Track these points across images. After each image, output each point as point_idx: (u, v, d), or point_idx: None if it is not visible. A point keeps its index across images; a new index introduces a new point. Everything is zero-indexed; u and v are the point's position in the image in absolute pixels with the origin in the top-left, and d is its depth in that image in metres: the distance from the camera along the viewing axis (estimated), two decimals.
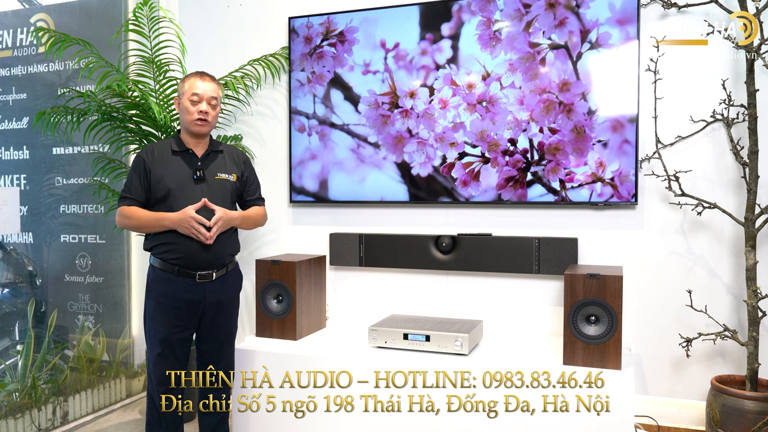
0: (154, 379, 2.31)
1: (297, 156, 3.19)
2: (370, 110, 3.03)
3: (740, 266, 2.56)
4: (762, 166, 2.46)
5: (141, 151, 2.31)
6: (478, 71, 2.84)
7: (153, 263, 2.30)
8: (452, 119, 2.89)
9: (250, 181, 2.46)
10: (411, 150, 2.97)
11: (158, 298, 2.26)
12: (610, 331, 2.25)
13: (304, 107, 3.16)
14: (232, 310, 2.43)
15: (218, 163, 2.35)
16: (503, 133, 2.82)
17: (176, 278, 2.25)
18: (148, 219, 2.23)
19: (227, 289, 2.37)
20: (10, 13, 3.67)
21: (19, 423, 2.71)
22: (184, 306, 2.26)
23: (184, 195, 2.24)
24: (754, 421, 2.28)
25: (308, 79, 3.14)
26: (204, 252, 2.25)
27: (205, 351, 2.40)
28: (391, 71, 2.99)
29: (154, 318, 2.28)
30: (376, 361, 2.43)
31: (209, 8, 3.42)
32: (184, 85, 2.29)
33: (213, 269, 2.29)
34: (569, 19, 2.69)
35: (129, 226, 2.29)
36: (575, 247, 2.70)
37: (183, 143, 2.31)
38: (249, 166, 2.47)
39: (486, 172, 2.86)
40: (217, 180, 2.32)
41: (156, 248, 2.27)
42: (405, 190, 3.00)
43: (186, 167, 2.28)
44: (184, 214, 2.18)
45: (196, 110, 2.26)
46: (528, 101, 2.77)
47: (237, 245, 2.43)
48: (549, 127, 2.75)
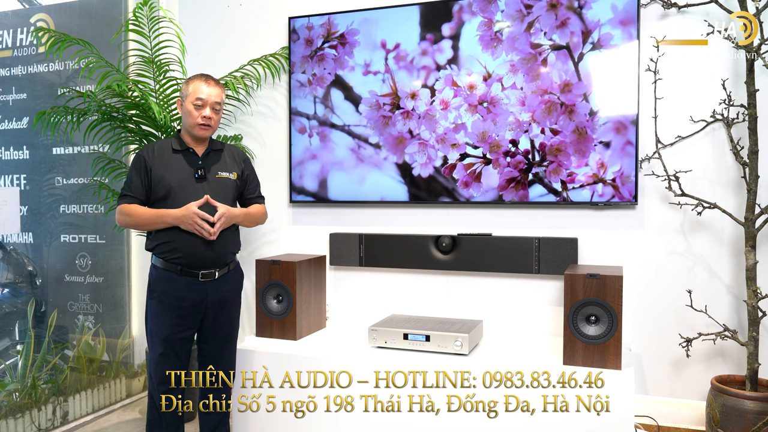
0: (155, 379, 2.30)
1: (297, 156, 3.19)
2: (372, 111, 3.03)
3: (740, 266, 2.56)
4: (762, 166, 2.47)
5: (141, 150, 2.31)
6: (479, 72, 2.85)
7: (155, 263, 2.30)
8: (453, 120, 2.89)
9: (251, 180, 2.46)
10: (412, 151, 2.97)
11: (161, 298, 2.26)
12: (610, 331, 2.25)
13: (304, 108, 3.16)
14: (234, 309, 2.43)
15: (219, 161, 2.35)
16: (505, 134, 2.82)
17: (179, 278, 2.25)
18: (150, 216, 2.22)
19: (229, 287, 2.37)
20: (10, 13, 3.66)
21: (19, 423, 2.71)
22: (187, 305, 2.26)
23: (186, 193, 2.23)
24: (754, 421, 2.28)
25: (309, 81, 3.14)
26: (206, 251, 2.24)
27: (206, 350, 2.40)
28: (392, 72, 2.99)
29: (157, 318, 2.28)
30: (376, 361, 2.43)
31: (209, 8, 3.42)
32: (188, 88, 2.27)
33: (215, 268, 2.29)
34: (571, 19, 2.70)
35: (129, 224, 2.28)
36: (575, 247, 2.70)
37: (184, 142, 2.31)
38: (249, 164, 2.47)
39: (487, 173, 2.86)
40: (218, 179, 2.32)
41: (158, 248, 2.26)
42: (405, 191, 3.00)
43: (187, 166, 2.28)
44: (187, 210, 2.18)
45: (200, 115, 2.25)
46: (529, 102, 2.77)
47: (238, 244, 2.43)
48: (550, 128, 2.75)
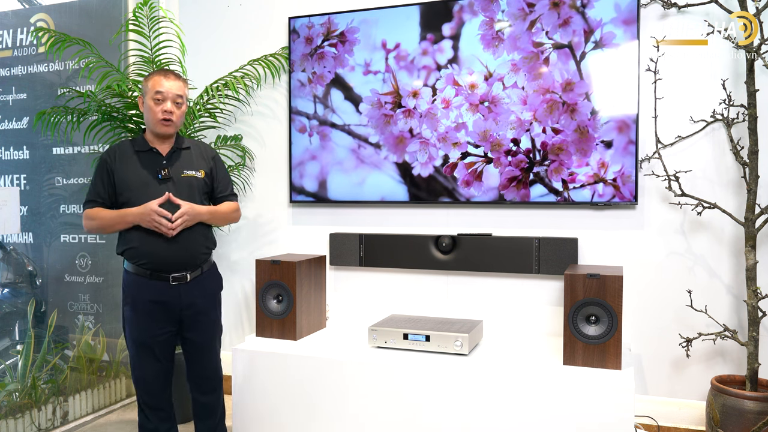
0: (136, 383, 2.28)
1: (297, 156, 3.19)
2: (373, 110, 3.03)
3: (740, 266, 2.56)
4: (762, 166, 2.47)
5: (103, 153, 2.25)
6: (480, 71, 2.84)
7: (126, 267, 2.25)
8: (455, 119, 2.89)
9: (220, 177, 2.37)
10: (413, 150, 2.97)
11: (133, 303, 2.21)
12: (610, 331, 2.25)
13: (304, 107, 3.16)
14: (213, 314, 2.35)
15: (184, 160, 2.28)
16: (506, 133, 2.82)
17: (150, 282, 2.19)
18: (111, 217, 2.17)
19: (203, 291, 2.29)
20: (10, 13, 3.66)
21: (19, 423, 2.71)
22: (159, 309, 2.21)
23: (149, 195, 2.17)
24: (754, 421, 2.28)
25: (309, 79, 3.14)
26: (172, 252, 2.18)
27: (190, 357, 2.34)
28: (393, 71, 2.99)
29: (131, 323, 2.23)
30: (376, 361, 2.43)
31: (209, 8, 3.42)
32: (147, 84, 2.22)
33: (186, 271, 2.23)
34: (573, 18, 2.69)
35: (94, 228, 2.22)
36: (575, 247, 2.70)
37: (147, 142, 2.25)
38: (219, 162, 2.39)
39: (488, 172, 2.86)
40: (183, 178, 2.25)
41: (126, 252, 2.22)
42: (405, 191, 3.00)
43: (150, 166, 2.22)
44: (146, 207, 2.13)
45: (160, 109, 2.19)
46: (531, 101, 2.77)
47: (211, 242, 2.35)
48: (552, 127, 2.75)
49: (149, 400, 2.28)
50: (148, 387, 2.27)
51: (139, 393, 2.29)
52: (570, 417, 2.19)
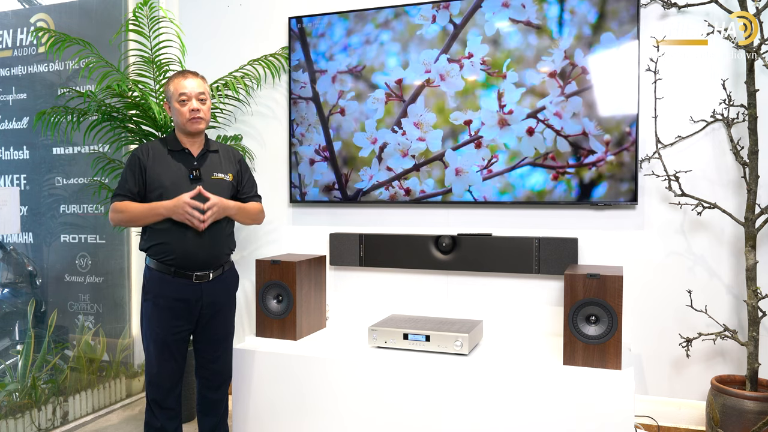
0: (150, 380, 2.30)
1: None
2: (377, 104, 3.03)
3: (740, 266, 2.56)
4: (762, 166, 2.46)
5: (136, 150, 2.30)
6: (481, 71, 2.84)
7: (149, 264, 2.29)
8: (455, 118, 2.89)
9: (246, 179, 2.44)
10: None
11: (155, 300, 2.26)
12: (610, 331, 2.25)
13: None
14: (229, 312, 2.43)
15: (214, 162, 2.34)
16: (506, 132, 2.81)
17: (173, 279, 2.24)
18: (142, 210, 2.21)
19: (224, 290, 2.37)
20: (10, 13, 3.66)
21: (19, 423, 2.71)
22: (181, 307, 2.26)
23: (180, 194, 2.21)
24: (754, 421, 2.28)
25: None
26: (199, 251, 2.24)
27: (203, 351, 2.39)
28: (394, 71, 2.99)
29: (151, 319, 2.27)
30: (376, 361, 2.43)
31: (209, 8, 3.42)
32: (169, 89, 2.28)
33: (209, 269, 2.29)
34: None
35: (122, 221, 2.26)
36: (575, 247, 2.70)
37: (179, 142, 2.31)
38: (244, 164, 2.46)
39: (488, 171, 2.85)
40: (213, 179, 2.30)
41: (152, 249, 2.26)
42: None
43: (182, 167, 2.27)
44: (179, 200, 2.17)
45: (188, 109, 2.24)
46: (531, 101, 2.77)
47: (233, 244, 2.42)
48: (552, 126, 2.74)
49: (160, 398, 2.30)
50: (162, 385, 2.30)
51: (150, 390, 2.31)
52: (570, 417, 2.19)
